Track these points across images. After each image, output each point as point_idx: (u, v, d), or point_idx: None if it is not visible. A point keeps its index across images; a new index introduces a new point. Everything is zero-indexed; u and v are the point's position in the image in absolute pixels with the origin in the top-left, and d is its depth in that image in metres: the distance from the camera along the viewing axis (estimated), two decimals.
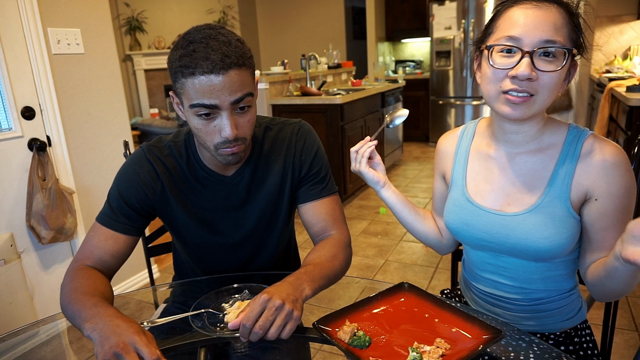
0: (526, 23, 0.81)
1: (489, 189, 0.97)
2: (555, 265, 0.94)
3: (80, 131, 2.21)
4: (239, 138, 0.90)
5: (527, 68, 0.80)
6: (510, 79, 0.83)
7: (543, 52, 0.81)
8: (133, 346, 0.69)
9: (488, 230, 0.94)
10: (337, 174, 3.66)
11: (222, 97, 0.85)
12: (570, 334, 1.00)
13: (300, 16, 6.93)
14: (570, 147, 0.89)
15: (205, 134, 0.90)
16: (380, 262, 2.76)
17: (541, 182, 0.90)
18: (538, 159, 0.92)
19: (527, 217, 0.90)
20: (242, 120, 0.90)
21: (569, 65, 0.84)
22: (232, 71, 0.84)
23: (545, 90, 0.83)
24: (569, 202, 0.87)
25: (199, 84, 0.84)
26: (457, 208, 1.00)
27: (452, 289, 1.22)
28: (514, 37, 0.82)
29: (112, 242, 0.99)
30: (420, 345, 0.75)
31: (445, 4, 5.30)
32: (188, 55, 0.84)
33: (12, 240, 1.96)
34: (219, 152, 0.92)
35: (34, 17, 1.95)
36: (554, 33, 0.80)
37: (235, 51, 0.85)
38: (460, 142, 1.06)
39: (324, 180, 1.09)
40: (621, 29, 4.36)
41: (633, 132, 2.54)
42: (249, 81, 0.89)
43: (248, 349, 0.94)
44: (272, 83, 3.73)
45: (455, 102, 5.57)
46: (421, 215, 1.14)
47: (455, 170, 1.04)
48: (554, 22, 0.81)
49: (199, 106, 0.86)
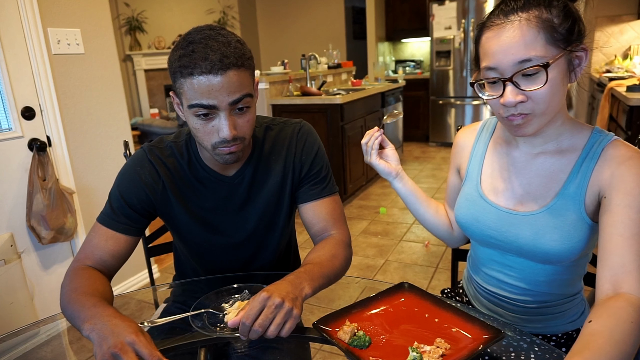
0: (497, 50, 0.79)
1: (503, 187, 0.96)
2: (563, 269, 0.92)
3: (80, 131, 2.21)
4: (237, 138, 0.90)
5: (511, 95, 0.79)
6: (502, 106, 0.82)
7: (522, 74, 0.78)
8: (131, 346, 0.69)
9: (498, 228, 0.94)
10: (337, 174, 3.66)
11: (221, 98, 0.85)
12: (572, 335, 0.99)
13: (300, 16, 6.92)
14: (590, 151, 0.85)
15: (204, 134, 0.90)
16: (381, 262, 2.76)
17: (557, 184, 0.88)
18: (557, 160, 0.89)
19: (538, 217, 0.88)
20: (240, 120, 0.90)
21: (562, 70, 0.79)
22: (231, 72, 0.84)
23: (541, 104, 0.80)
24: (583, 205, 0.85)
25: (198, 84, 0.83)
26: (469, 203, 0.99)
27: (452, 289, 1.22)
28: (491, 68, 0.81)
29: (113, 242, 0.99)
30: (420, 345, 0.75)
31: (445, 4, 5.29)
32: (187, 55, 0.84)
33: (12, 240, 1.96)
34: (216, 151, 0.92)
35: (34, 17, 1.95)
36: (526, 50, 0.76)
37: (235, 52, 0.85)
38: (479, 137, 1.04)
39: (324, 181, 1.09)
40: (621, 28, 4.36)
41: (633, 132, 2.54)
42: (248, 82, 0.89)
43: (248, 349, 0.94)
44: (272, 83, 3.73)
45: (455, 102, 5.57)
46: (433, 207, 1.12)
47: (471, 165, 1.02)
48: (522, 38, 0.77)
49: (197, 106, 0.86)
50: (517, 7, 0.79)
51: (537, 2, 0.79)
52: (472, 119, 5.48)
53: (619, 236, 0.76)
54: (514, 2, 0.80)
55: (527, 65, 0.77)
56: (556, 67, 0.78)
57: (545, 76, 0.77)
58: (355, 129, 3.83)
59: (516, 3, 0.79)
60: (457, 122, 5.60)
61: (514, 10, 0.79)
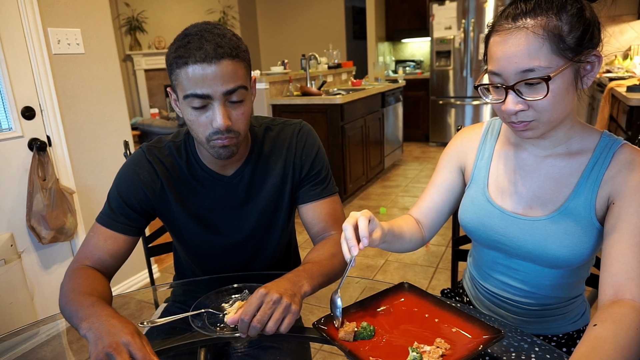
0: (501, 57, 0.78)
1: (511, 191, 0.93)
2: (568, 273, 0.92)
3: (80, 131, 2.21)
4: (232, 130, 0.90)
5: (512, 104, 0.79)
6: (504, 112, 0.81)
7: (524, 83, 0.77)
8: (126, 347, 0.69)
9: (506, 233, 0.92)
10: (337, 174, 3.66)
11: (215, 87, 0.85)
12: (572, 336, 0.99)
13: (300, 16, 6.92)
14: (601, 155, 0.84)
15: (198, 125, 0.90)
16: (381, 262, 2.76)
17: (567, 188, 0.87)
18: (566, 164, 0.88)
19: (548, 223, 0.87)
20: (235, 112, 0.90)
21: (567, 80, 0.77)
22: (225, 61, 0.85)
23: (543, 114, 0.79)
24: (594, 210, 0.84)
25: (192, 73, 0.84)
26: (476, 207, 0.97)
27: (452, 289, 1.22)
28: (496, 73, 0.80)
29: (112, 242, 0.99)
30: (420, 345, 0.75)
31: (445, 4, 5.29)
32: (183, 46, 0.85)
33: (12, 240, 1.96)
34: (210, 144, 0.91)
35: (34, 17, 1.95)
36: (530, 60, 0.75)
37: (229, 43, 0.86)
38: (484, 139, 1.01)
39: (324, 181, 1.09)
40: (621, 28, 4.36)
41: (633, 132, 2.54)
42: (243, 74, 0.89)
43: (248, 348, 0.94)
44: (272, 83, 3.72)
45: (455, 102, 5.57)
46: (409, 230, 1.00)
47: (477, 167, 1.00)
48: (526, 47, 0.75)
49: (191, 96, 0.86)
50: (526, 10, 0.77)
51: (547, 7, 0.76)
52: (472, 119, 5.48)
53: (624, 242, 0.76)
54: (524, 5, 0.77)
55: (530, 75, 0.76)
56: (560, 78, 0.76)
57: (546, 88, 0.76)
58: (355, 129, 3.83)
59: (526, 6, 0.77)
60: (457, 122, 5.59)
61: (523, 14, 0.77)
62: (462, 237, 1.32)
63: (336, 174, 3.67)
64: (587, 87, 0.81)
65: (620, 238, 0.77)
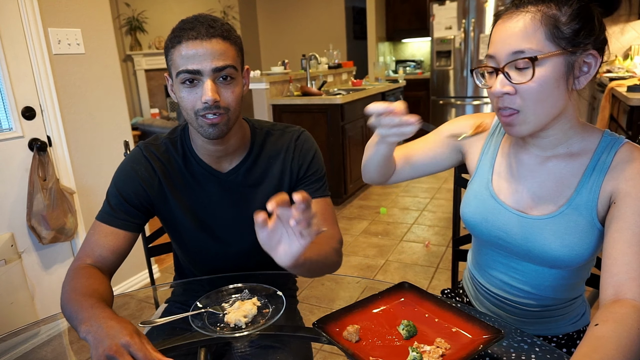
0: (496, 39, 0.80)
1: (514, 189, 0.94)
2: (569, 274, 0.91)
3: (80, 131, 2.21)
4: (221, 107, 0.92)
5: (500, 85, 0.79)
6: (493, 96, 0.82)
7: (514, 65, 0.78)
8: (126, 348, 0.69)
9: (507, 230, 0.92)
10: (338, 174, 3.66)
11: (205, 64, 0.89)
12: (572, 336, 0.99)
13: (300, 16, 6.92)
14: (602, 155, 0.84)
15: (188, 102, 0.92)
16: (381, 262, 2.76)
17: (568, 188, 0.87)
18: (568, 164, 0.88)
19: (549, 222, 0.87)
20: (224, 90, 0.93)
21: (557, 70, 0.77)
22: (216, 40, 0.90)
23: (530, 102, 0.79)
24: (595, 211, 0.83)
25: (185, 50, 0.89)
26: (479, 202, 0.97)
27: (452, 289, 1.22)
28: (491, 56, 0.81)
29: (112, 239, 0.99)
30: (420, 345, 0.75)
31: (445, 4, 5.29)
32: (178, 29, 0.92)
33: (12, 240, 1.96)
34: (199, 121, 0.93)
35: (35, 17, 1.95)
36: (522, 41, 0.76)
37: (222, 26, 0.92)
38: (491, 135, 1.01)
39: (319, 182, 1.10)
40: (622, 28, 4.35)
41: (634, 132, 2.54)
42: (233, 55, 0.93)
43: (248, 348, 0.94)
44: (272, 83, 3.72)
45: (455, 102, 5.56)
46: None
47: (482, 162, 1.00)
48: (523, 29, 0.76)
49: (183, 72, 0.90)
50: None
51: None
52: None
53: (625, 242, 0.76)
54: None
55: (520, 56, 0.77)
56: (550, 66, 0.76)
57: (532, 70, 0.76)
58: (355, 129, 3.83)
59: None
60: None
61: (526, 2, 0.79)
62: (463, 237, 1.32)
63: (336, 173, 3.67)
64: (580, 88, 0.81)
65: (621, 237, 0.76)
